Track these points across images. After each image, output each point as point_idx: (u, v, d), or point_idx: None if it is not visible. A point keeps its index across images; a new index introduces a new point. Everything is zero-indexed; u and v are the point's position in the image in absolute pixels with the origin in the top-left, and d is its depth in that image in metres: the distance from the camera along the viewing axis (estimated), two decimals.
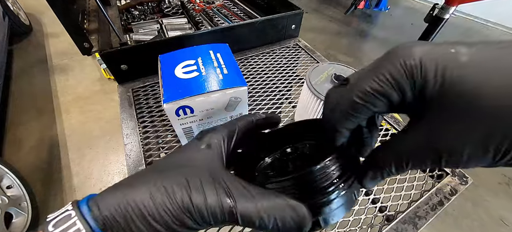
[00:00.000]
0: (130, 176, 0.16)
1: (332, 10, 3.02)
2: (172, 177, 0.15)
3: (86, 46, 0.50)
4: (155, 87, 0.53)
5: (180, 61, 0.30)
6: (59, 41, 2.18)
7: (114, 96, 1.68)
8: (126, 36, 0.66)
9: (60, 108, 1.60)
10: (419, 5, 3.18)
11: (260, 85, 0.54)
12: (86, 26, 0.61)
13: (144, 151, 0.41)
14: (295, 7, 0.66)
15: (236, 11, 0.81)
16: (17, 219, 0.95)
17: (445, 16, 0.89)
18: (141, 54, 0.50)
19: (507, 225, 1.11)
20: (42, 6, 2.12)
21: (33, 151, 1.34)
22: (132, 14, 0.76)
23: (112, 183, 1.09)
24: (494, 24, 2.78)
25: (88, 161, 1.32)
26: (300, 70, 0.60)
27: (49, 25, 2.39)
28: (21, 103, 1.63)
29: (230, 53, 0.32)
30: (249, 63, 0.61)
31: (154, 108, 0.49)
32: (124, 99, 0.50)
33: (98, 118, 1.55)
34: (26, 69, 1.89)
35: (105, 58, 0.47)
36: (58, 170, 1.27)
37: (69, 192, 1.18)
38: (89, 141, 1.41)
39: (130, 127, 0.45)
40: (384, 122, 0.48)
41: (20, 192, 0.98)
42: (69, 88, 1.75)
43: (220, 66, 0.30)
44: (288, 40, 0.69)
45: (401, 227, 0.34)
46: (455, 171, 0.40)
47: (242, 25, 0.58)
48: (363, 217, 0.35)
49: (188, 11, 0.77)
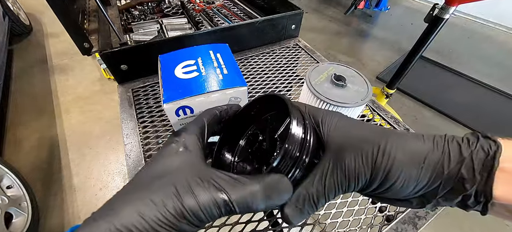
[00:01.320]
0: (107, 202, 0.15)
1: (332, 10, 3.02)
2: (159, 189, 0.15)
3: (86, 46, 0.50)
4: (155, 87, 0.53)
5: (180, 61, 0.30)
6: (59, 41, 2.18)
7: (114, 96, 1.69)
8: (126, 36, 0.66)
9: (60, 108, 1.60)
10: (419, 5, 3.18)
11: (260, 85, 0.54)
12: (86, 26, 0.61)
13: (144, 151, 0.41)
14: (295, 7, 0.66)
15: (236, 11, 0.81)
16: (17, 219, 0.95)
17: (445, 16, 0.88)
18: (141, 54, 0.50)
19: (508, 225, 1.11)
20: (42, 6, 2.12)
21: (33, 151, 1.34)
22: (132, 14, 0.76)
23: (112, 182, 1.08)
24: (494, 24, 2.78)
25: (88, 161, 1.32)
26: (300, 70, 0.60)
27: (49, 25, 2.39)
28: (21, 103, 1.63)
29: (230, 53, 0.32)
30: (249, 63, 0.61)
31: (154, 108, 0.49)
32: (124, 99, 0.50)
33: (98, 118, 1.55)
34: (26, 69, 1.89)
35: (105, 58, 0.47)
36: (58, 170, 1.27)
37: (69, 192, 1.18)
38: (89, 141, 1.41)
39: (130, 127, 0.45)
40: (384, 122, 0.48)
41: (20, 192, 0.98)
42: (69, 88, 1.75)
43: (220, 66, 0.30)
44: (288, 40, 0.69)
45: (401, 227, 0.34)
46: None
47: (242, 25, 0.58)
48: (363, 217, 0.35)
49: (188, 11, 0.77)
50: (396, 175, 0.15)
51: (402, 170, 0.15)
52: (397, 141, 0.16)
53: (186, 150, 0.18)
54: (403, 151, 0.16)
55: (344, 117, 0.20)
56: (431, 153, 0.15)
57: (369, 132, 0.17)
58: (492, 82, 1.90)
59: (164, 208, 0.14)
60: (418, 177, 0.15)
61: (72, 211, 1.12)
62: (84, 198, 1.16)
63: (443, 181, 0.15)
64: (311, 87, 0.35)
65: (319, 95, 0.34)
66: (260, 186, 0.16)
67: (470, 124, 1.57)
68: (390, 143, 0.16)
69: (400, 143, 0.16)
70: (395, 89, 1.23)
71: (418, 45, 1.02)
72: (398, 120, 0.48)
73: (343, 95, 0.35)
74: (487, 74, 2.01)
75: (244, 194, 0.16)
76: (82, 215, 1.11)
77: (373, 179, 0.16)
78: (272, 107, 0.24)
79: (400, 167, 0.15)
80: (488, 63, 2.19)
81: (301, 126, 0.18)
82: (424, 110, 1.71)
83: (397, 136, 0.16)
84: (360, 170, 0.16)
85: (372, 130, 0.18)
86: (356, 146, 0.17)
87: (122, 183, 1.23)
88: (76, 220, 1.09)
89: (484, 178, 0.14)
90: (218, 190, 0.15)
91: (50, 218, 1.10)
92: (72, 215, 1.11)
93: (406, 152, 0.15)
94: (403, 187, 0.16)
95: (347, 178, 0.16)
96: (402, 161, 0.15)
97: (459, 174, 0.14)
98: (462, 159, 0.14)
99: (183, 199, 0.15)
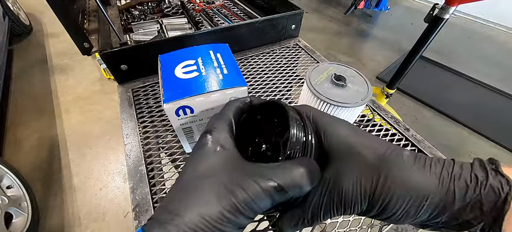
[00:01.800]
0: (164, 206, 0.16)
1: (332, 10, 3.02)
2: (211, 189, 0.16)
3: (86, 46, 0.50)
4: (155, 87, 0.53)
5: (180, 61, 0.30)
6: (59, 41, 2.18)
7: (114, 96, 1.69)
8: (126, 36, 0.66)
9: (60, 108, 1.60)
10: (419, 5, 3.18)
11: (260, 85, 0.54)
12: (86, 26, 0.61)
13: (144, 151, 0.41)
14: (295, 7, 0.66)
15: (236, 11, 0.81)
16: (17, 219, 0.95)
17: (445, 16, 0.88)
18: (141, 54, 0.50)
19: None
20: (42, 6, 2.12)
21: (33, 151, 1.34)
22: (132, 14, 0.76)
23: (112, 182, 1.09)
24: (494, 24, 2.78)
25: (88, 161, 1.32)
26: (300, 70, 0.60)
27: (49, 25, 2.39)
28: (21, 103, 1.63)
29: (230, 53, 0.32)
30: (249, 63, 0.61)
31: (154, 108, 0.49)
32: (124, 99, 0.50)
33: (98, 118, 1.55)
34: (26, 69, 1.89)
35: (105, 58, 0.47)
36: (58, 170, 1.27)
37: (69, 192, 1.18)
38: (89, 141, 1.41)
39: (130, 127, 0.45)
40: (384, 122, 0.48)
41: (20, 192, 0.98)
42: (69, 88, 1.76)
43: (220, 66, 0.30)
44: (288, 40, 0.69)
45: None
46: None
47: (242, 25, 0.58)
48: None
49: (188, 11, 0.77)
50: (393, 210, 0.15)
51: (400, 206, 0.15)
52: (400, 173, 0.15)
53: (224, 149, 0.18)
54: (403, 186, 0.15)
55: (350, 128, 0.19)
56: (434, 193, 0.15)
57: (373, 154, 0.17)
58: (492, 82, 1.90)
59: (220, 207, 0.15)
60: (416, 214, 0.15)
61: (72, 211, 1.12)
62: (84, 198, 1.16)
63: (444, 219, 0.15)
64: (311, 87, 0.35)
65: (319, 95, 0.34)
66: (304, 168, 0.16)
67: (470, 124, 1.57)
68: (392, 174, 0.16)
69: (403, 176, 0.15)
70: (395, 89, 1.23)
71: (418, 45, 1.02)
72: (398, 120, 0.48)
73: (343, 95, 0.35)
74: (487, 74, 2.01)
75: (292, 176, 0.16)
76: (82, 215, 1.11)
77: (370, 210, 0.16)
78: (274, 113, 0.24)
79: (399, 203, 0.15)
80: (488, 63, 2.19)
81: (301, 129, 0.18)
82: (424, 110, 1.71)
83: (401, 166, 0.16)
84: (357, 199, 0.16)
85: (376, 151, 0.17)
86: (357, 170, 0.17)
87: (122, 183, 1.23)
88: (76, 220, 1.09)
89: (492, 218, 0.13)
90: (266, 179, 0.16)
91: (50, 218, 1.10)
92: (72, 215, 1.11)
93: (407, 188, 0.15)
94: (401, 219, 0.16)
95: (343, 205, 0.17)
96: (401, 197, 0.15)
97: (463, 216, 0.14)
98: (467, 203, 0.14)
99: (235, 195, 0.15)
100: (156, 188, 0.37)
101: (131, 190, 0.36)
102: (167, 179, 0.39)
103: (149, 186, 0.36)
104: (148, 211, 0.34)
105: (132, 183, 0.36)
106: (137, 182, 0.37)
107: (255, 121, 0.25)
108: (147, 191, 0.36)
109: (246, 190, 0.15)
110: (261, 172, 0.16)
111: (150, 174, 0.38)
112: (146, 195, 0.35)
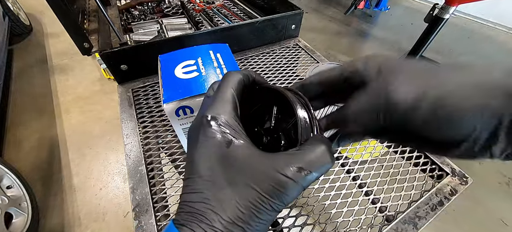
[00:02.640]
0: (186, 202, 0.16)
1: (332, 10, 3.02)
2: (241, 189, 0.15)
3: (86, 46, 0.50)
4: (155, 87, 0.53)
5: (180, 61, 0.30)
6: (59, 41, 2.18)
7: (114, 96, 1.68)
8: (126, 36, 0.66)
9: (60, 108, 1.60)
10: (419, 5, 3.18)
11: None
12: (86, 26, 0.61)
13: (144, 151, 0.41)
14: (295, 7, 0.66)
15: (236, 11, 0.81)
16: (17, 219, 0.95)
17: (445, 16, 0.89)
18: (141, 54, 0.50)
19: (507, 225, 1.11)
20: (42, 6, 2.12)
21: (33, 151, 1.34)
22: (132, 14, 0.76)
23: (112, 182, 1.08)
24: (494, 24, 2.78)
25: (88, 161, 1.32)
26: (300, 70, 0.60)
27: (49, 25, 2.39)
28: (21, 103, 1.63)
29: (230, 53, 0.32)
30: (249, 63, 0.61)
31: (154, 108, 0.49)
32: (124, 99, 0.50)
33: (98, 118, 1.55)
34: (26, 69, 1.89)
35: (105, 58, 0.47)
36: (58, 170, 1.27)
37: (69, 192, 1.18)
38: (89, 141, 1.41)
39: (130, 127, 0.45)
40: None
41: (20, 192, 0.98)
42: (69, 88, 1.75)
43: (220, 66, 0.30)
44: (288, 40, 0.69)
45: (401, 227, 0.34)
46: (455, 171, 0.40)
47: (242, 25, 0.58)
48: (363, 217, 0.35)
49: (188, 11, 0.77)
50: (453, 100, 0.13)
51: (462, 92, 0.13)
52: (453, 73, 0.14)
53: (239, 141, 0.17)
54: (463, 77, 0.14)
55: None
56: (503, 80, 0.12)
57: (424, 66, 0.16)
58: None
59: (249, 196, 0.15)
60: (486, 101, 0.12)
61: (72, 211, 1.12)
62: (84, 198, 1.16)
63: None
64: None
65: None
66: (324, 145, 0.16)
67: None
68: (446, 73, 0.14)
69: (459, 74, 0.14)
70: None
71: (418, 45, 1.02)
72: None
73: None
74: None
75: (316, 155, 0.16)
76: (82, 215, 1.11)
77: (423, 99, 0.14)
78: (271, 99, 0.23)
79: (461, 89, 0.13)
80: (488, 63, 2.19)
81: (304, 110, 0.18)
82: None
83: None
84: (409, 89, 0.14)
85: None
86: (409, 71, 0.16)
87: (122, 183, 1.23)
88: (76, 220, 1.09)
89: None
90: (289, 164, 0.15)
91: (50, 218, 1.10)
92: (72, 215, 1.11)
93: (469, 78, 0.14)
94: (459, 120, 0.13)
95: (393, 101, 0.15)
96: (462, 83, 0.13)
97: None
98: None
99: (260, 190, 0.15)
100: (156, 188, 0.37)
101: (131, 190, 0.36)
102: (167, 179, 0.39)
103: (149, 186, 0.36)
104: (148, 211, 0.34)
105: (132, 183, 0.36)
106: (137, 182, 0.37)
107: (254, 103, 0.23)
108: (147, 191, 0.36)
109: (275, 185, 0.15)
110: (282, 158, 0.16)
111: (150, 174, 0.38)
112: (146, 195, 0.35)
